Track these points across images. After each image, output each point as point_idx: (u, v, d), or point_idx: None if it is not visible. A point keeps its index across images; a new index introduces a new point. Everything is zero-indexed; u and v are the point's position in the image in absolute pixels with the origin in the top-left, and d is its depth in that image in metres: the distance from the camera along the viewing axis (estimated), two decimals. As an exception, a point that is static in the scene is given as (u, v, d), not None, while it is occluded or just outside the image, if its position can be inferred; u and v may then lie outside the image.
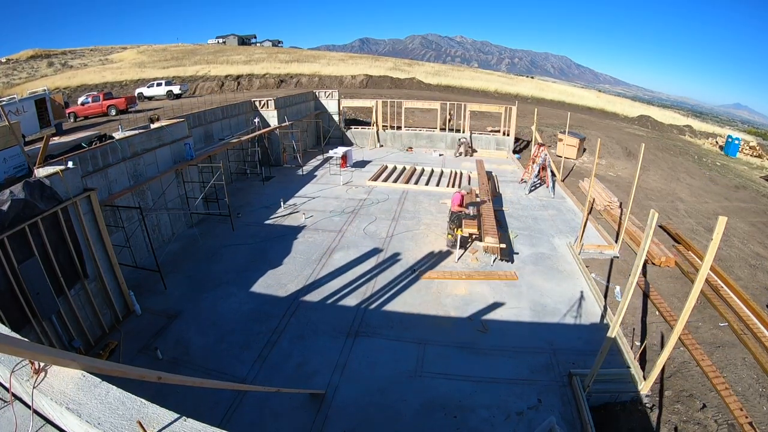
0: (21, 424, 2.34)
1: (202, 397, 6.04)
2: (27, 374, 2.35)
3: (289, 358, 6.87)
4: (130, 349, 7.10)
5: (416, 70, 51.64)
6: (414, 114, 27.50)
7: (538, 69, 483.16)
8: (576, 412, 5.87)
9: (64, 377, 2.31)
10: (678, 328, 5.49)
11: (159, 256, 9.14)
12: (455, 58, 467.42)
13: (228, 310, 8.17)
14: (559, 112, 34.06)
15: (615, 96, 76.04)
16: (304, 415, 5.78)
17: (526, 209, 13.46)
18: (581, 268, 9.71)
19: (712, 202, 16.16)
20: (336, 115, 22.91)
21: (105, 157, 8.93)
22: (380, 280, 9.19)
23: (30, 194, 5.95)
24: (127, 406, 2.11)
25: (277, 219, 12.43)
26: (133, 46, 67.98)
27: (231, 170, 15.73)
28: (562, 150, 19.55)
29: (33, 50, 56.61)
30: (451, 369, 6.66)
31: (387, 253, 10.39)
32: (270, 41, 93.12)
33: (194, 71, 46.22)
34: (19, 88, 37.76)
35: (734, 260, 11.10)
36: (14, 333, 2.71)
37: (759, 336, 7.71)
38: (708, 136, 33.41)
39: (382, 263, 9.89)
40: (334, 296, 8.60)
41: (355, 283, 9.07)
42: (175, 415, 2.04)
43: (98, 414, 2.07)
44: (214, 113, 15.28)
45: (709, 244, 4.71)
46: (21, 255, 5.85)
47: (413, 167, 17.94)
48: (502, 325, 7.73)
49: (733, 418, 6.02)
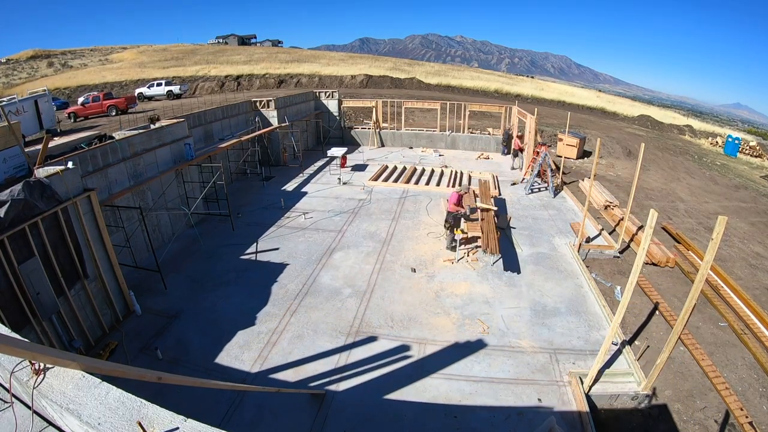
0: (21, 424, 2.35)
1: (202, 397, 6.04)
2: (27, 375, 2.35)
3: (289, 358, 6.87)
4: (131, 349, 7.10)
5: (416, 70, 51.63)
6: (414, 114, 27.49)
7: (538, 69, 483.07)
8: (576, 412, 5.87)
9: (64, 378, 2.31)
10: (678, 328, 5.49)
11: (159, 256, 9.14)
12: (455, 58, 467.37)
13: (228, 310, 8.17)
14: (559, 111, 34.06)
15: (615, 96, 76.00)
16: (304, 415, 5.78)
17: (527, 209, 13.46)
18: (581, 267, 9.71)
19: (713, 202, 16.15)
20: (336, 115, 22.91)
21: (105, 157, 8.93)
22: (380, 280, 9.19)
23: (30, 194, 5.95)
24: (127, 407, 2.12)
25: (277, 219, 12.42)
26: (133, 46, 67.98)
27: (231, 170, 15.73)
28: (562, 150, 19.56)
29: (33, 50, 56.66)
30: (451, 369, 6.66)
31: (387, 253, 10.39)
32: (270, 41, 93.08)
33: (194, 71, 46.23)
34: (19, 88, 37.80)
35: (734, 260, 11.11)
36: (14, 333, 2.71)
37: (759, 336, 7.71)
38: (708, 136, 33.39)
39: (383, 263, 9.89)
40: (334, 296, 8.60)
41: (355, 283, 9.07)
42: (175, 416, 2.04)
43: (98, 414, 2.08)
44: (214, 113, 15.27)
45: (709, 243, 4.71)
46: (21, 255, 5.85)
47: (413, 167, 17.93)
48: (502, 325, 7.73)
49: (733, 418, 6.02)
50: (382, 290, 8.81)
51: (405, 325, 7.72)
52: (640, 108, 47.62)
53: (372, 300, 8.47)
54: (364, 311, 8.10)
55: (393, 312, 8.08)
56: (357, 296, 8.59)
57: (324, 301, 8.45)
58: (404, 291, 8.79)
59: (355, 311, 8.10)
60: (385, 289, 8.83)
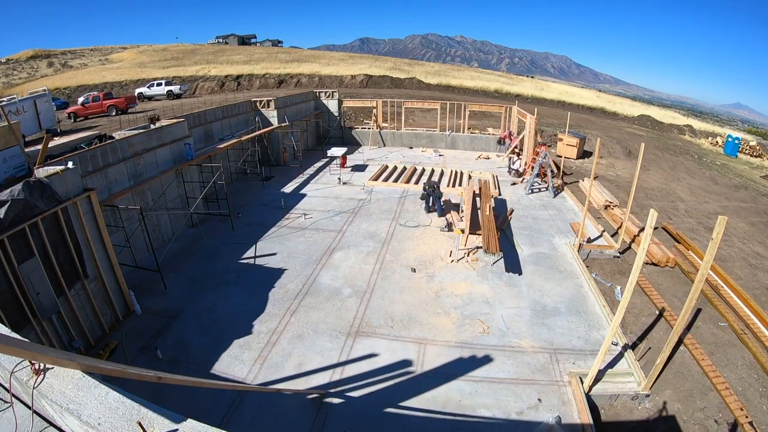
0: (21, 424, 2.35)
1: (202, 397, 6.04)
2: (27, 375, 2.35)
3: (289, 358, 6.87)
4: (131, 349, 7.10)
5: (416, 70, 51.61)
6: (414, 114, 27.49)
7: (538, 69, 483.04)
8: (576, 412, 5.87)
9: (64, 378, 2.31)
10: (678, 328, 5.49)
11: (159, 256, 9.13)
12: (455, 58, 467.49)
13: (228, 309, 8.17)
14: (559, 111, 34.06)
15: (615, 96, 76.00)
16: (305, 416, 5.78)
17: (527, 209, 13.46)
18: (581, 267, 9.71)
19: (713, 202, 16.15)
20: (336, 115, 22.91)
21: (105, 157, 8.93)
22: (380, 280, 9.19)
23: (30, 194, 5.95)
24: (127, 407, 2.12)
25: (278, 219, 12.42)
26: (133, 46, 67.97)
27: (231, 170, 15.72)
28: (562, 150, 19.55)
29: (33, 50, 56.64)
30: (451, 369, 6.66)
31: (387, 252, 10.39)
32: (270, 41, 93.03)
33: (194, 71, 46.21)
34: (19, 88, 37.77)
35: (734, 260, 11.10)
36: (14, 333, 2.71)
37: (759, 336, 7.71)
38: (708, 136, 33.38)
39: (382, 263, 9.89)
40: (334, 296, 8.60)
41: (355, 282, 9.07)
42: (175, 416, 2.04)
43: (98, 414, 2.07)
44: (214, 113, 15.27)
45: (709, 243, 4.71)
46: (21, 255, 5.85)
47: (413, 167, 17.93)
48: (502, 325, 7.73)
49: (733, 418, 6.02)
50: (382, 290, 8.81)
51: (405, 325, 7.72)
52: (640, 108, 47.60)
53: (372, 300, 8.47)
54: (364, 311, 8.10)
55: (393, 312, 8.08)
56: (357, 296, 8.59)
57: (324, 301, 8.44)
58: (404, 291, 8.79)
59: (355, 311, 8.10)
60: (385, 289, 8.83)
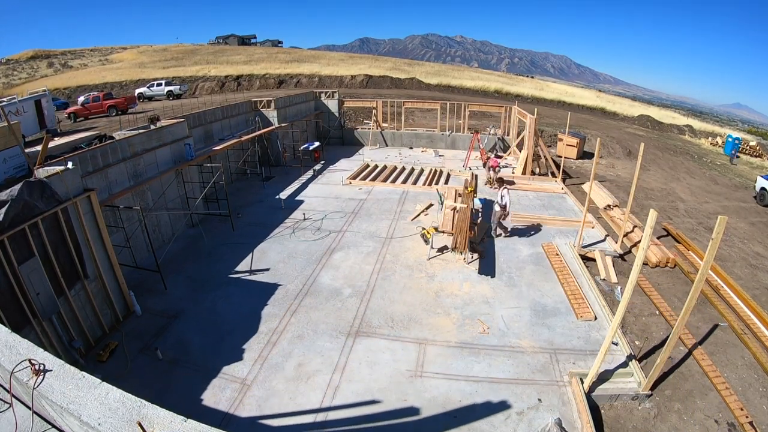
0: (21, 425, 2.34)
1: (203, 397, 6.04)
2: (27, 375, 2.35)
3: (289, 358, 6.86)
4: (131, 350, 7.10)
5: (416, 70, 51.62)
6: (414, 114, 27.49)
7: (538, 69, 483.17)
8: (576, 412, 5.87)
9: (64, 378, 2.31)
10: (678, 328, 5.49)
11: (159, 256, 9.13)
12: (455, 58, 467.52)
13: (228, 310, 8.17)
14: (559, 111, 34.05)
15: (615, 96, 76.00)
16: (304, 415, 5.77)
17: (526, 209, 13.45)
18: (581, 267, 9.71)
19: (713, 202, 16.15)
20: (336, 115, 22.91)
21: (105, 158, 8.92)
22: (380, 280, 9.19)
23: (30, 194, 5.95)
24: (127, 407, 2.12)
25: (278, 219, 12.42)
26: (133, 46, 68.00)
27: (231, 170, 15.72)
28: (562, 150, 19.54)
29: (33, 50, 56.69)
30: (451, 369, 6.66)
31: (387, 253, 10.39)
32: (270, 41, 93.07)
33: (194, 71, 46.23)
34: (19, 88, 37.80)
35: (734, 260, 11.11)
36: (14, 333, 2.71)
37: (759, 336, 7.71)
38: (708, 136, 33.38)
39: (382, 263, 9.89)
40: (334, 296, 8.60)
41: (355, 282, 9.07)
42: (175, 416, 2.04)
43: (98, 415, 2.07)
44: (214, 113, 15.27)
45: (709, 243, 4.71)
46: (21, 255, 5.85)
47: (413, 167, 17.93)
48: (502, 325, 7.73)
49: (733, 418, 6.02)
50: (382, 290, 8.80)
51: (405, 325, 7.72)
52: (640, 108, 47.60)
53: (372, 300, 8.46)
54: (364, 311, 8.10)
55: (393, 312, 8.08)
56: (357, 296, 8.59)
57: (324, 301, 8.44)
58: (404, 291, 8.79)
59: (355, 311, 8.10)
60: (385, 289, 8.83)
